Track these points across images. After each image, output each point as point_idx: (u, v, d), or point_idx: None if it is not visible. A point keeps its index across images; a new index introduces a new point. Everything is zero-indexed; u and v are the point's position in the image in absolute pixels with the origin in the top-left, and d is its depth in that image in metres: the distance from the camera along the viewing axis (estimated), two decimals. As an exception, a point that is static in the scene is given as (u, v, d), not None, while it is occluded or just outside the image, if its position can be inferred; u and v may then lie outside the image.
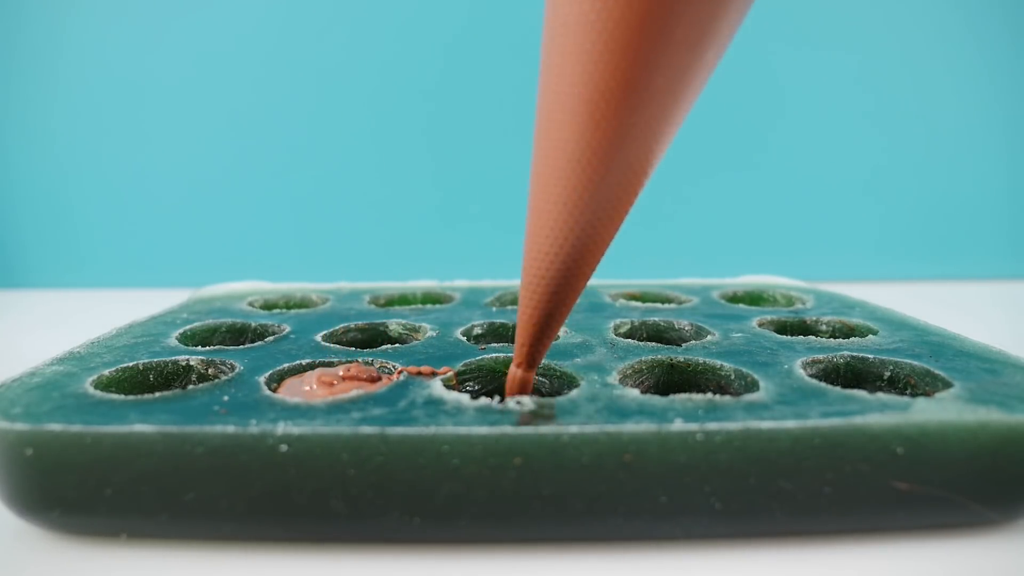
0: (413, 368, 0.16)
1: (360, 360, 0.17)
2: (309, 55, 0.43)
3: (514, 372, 0.15)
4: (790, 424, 0.13)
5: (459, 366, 0.17)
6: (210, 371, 0.17)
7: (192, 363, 0.17)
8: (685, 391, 0.17)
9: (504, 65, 0.43)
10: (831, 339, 0.19)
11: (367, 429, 0.13)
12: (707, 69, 0.12)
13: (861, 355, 0.17)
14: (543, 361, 0.17)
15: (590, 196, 0.12)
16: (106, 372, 0.16)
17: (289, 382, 0.16)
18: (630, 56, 0.11)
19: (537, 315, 0.13)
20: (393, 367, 0.17)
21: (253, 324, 0.22)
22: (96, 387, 0.15)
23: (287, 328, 0.21)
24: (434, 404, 0.14)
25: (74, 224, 0.45)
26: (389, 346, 0.19)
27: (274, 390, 0.15)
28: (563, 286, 0.13)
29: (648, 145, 0.12)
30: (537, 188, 0.13)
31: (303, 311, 0.25)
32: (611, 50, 0.11)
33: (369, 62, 0.43)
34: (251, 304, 0.26)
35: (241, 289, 0.29)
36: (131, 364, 0.17)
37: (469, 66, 0.43)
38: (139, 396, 0.14)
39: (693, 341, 0.20)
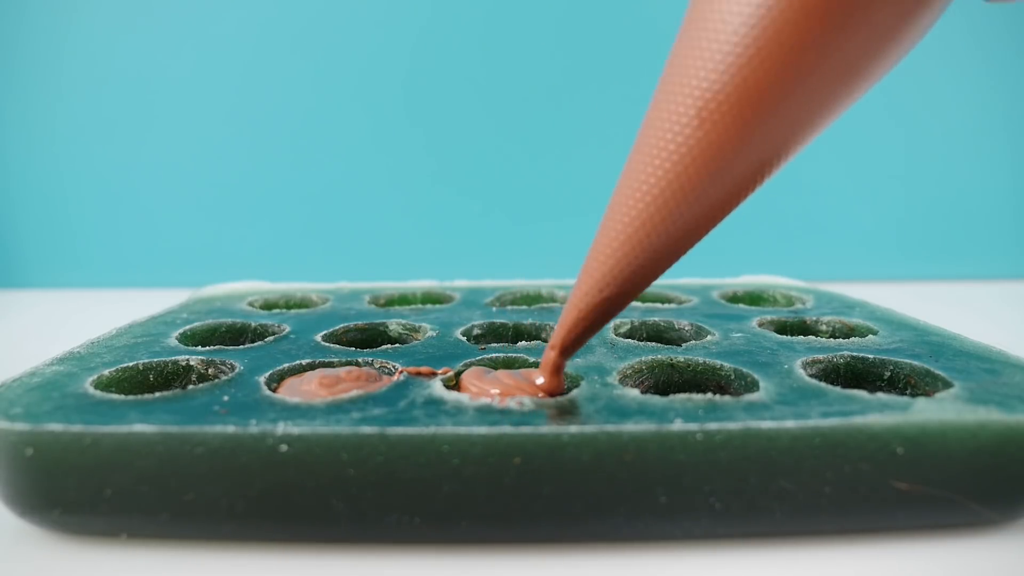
0: (413, 368, 0.16)
1: (360, 360, 0.17)
2: (310, 56, 0.43)
3: (548, 355, 0.14)
4: (790, 424, 0.13)
5: (459, 366, 0.17)
6: (210, 371, 0.17)
7: (192, 363, 0.17)
8: (685, 391, 0.17)
9: (506, 66, 0.43)
10: (831, 339, 0.19)
11: (367, 429, 0.13)
12: (871, 81, 0.11)
13: (861, 355, 0.17)
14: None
15: (694, 198, 0.12)
16: (106, 372, 0.16)
17: (289, 382, 0.16)
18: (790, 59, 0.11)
19: (598, 300, 0.13)
20: (393, 367, 0.17)
21: (253, 324, 0.22)
22: (96, 387, 0.15)
23: (287, 328, 0.21)
24: (434, 404, 0.14)
25: (74, 224, 0.45)
26: (389, 346, 0.19)
27: (274, 390, 0.15)
28: (641, 275, 0.13)
29: (775, 152, 0.12)
30: (631, 175, 0.12)
31: (303, 311, 0.25)
32: (767, 49, 0.11)
33: (370, 63, 0.43)
34: (251, 304, 0.26)
35: (241, 289, 0.29)
36: (131, 364, 0.17)
37: (471, 66, 0.43)
38: (139, 396, 0.14)
39: (693, 341, 0.20)
